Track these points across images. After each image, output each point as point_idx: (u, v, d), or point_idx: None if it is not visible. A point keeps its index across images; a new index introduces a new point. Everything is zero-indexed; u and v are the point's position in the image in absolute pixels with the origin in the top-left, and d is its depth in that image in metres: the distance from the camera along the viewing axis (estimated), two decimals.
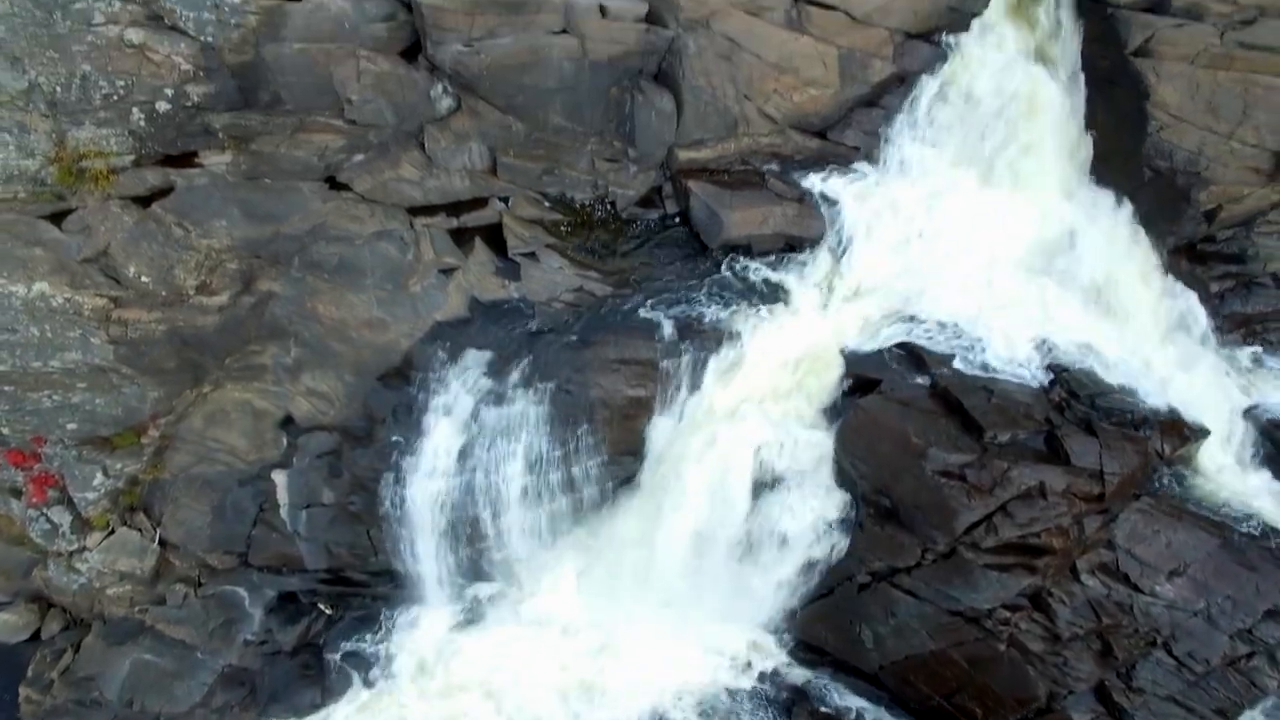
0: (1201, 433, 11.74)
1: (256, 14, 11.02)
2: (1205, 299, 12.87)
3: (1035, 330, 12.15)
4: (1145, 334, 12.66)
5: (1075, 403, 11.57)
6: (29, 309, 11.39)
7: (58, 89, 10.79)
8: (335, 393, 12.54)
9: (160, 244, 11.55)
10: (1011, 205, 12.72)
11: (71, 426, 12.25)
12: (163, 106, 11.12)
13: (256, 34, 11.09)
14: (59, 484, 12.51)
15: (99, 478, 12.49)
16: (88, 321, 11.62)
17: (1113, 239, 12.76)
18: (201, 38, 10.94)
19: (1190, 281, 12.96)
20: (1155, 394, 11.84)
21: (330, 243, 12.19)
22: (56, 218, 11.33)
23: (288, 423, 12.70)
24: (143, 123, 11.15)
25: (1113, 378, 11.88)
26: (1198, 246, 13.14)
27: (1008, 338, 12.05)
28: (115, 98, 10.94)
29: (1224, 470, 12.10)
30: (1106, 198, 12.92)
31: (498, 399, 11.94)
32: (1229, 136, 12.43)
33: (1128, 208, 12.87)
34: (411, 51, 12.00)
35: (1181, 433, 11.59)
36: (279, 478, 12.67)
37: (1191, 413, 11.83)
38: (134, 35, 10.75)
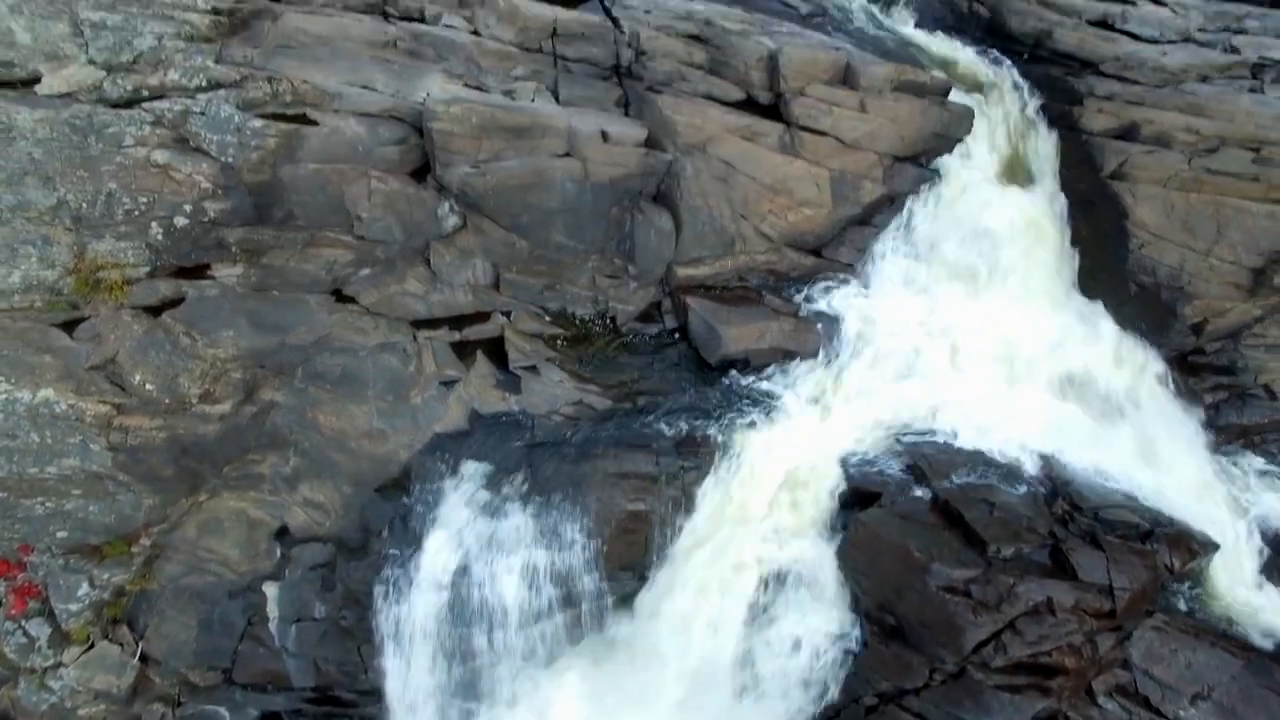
0: (1210, 546, 11.47)
1: (276, 137, 11.65)
2: (1200, 410, 12.96)
3: (1033, 441, 12.09)
4: (1145, 444, 12.64)
5: (1079, 515, 11.38)
6: (32, 415, 11.42)
7: (84, 205, 11.27)
8: (332, 503, 12.41)
9: (167, 353, 11.73)
10: (1002, 317, 12.97)
11: (62, 534, 12.02)
12: (180, 221, 11.56)
13: (275, 155, 11.68)
14: (41, 595, 12.12)
15: (84, 588, 12.14)
16: (89, 428, 11.62)
17: (1103, 350, 12.94)
18: (222, 158, 11.52)
19: (1184, 393, 13.07)
20: (1160, 506, 11.64)
21: (334, 354, 12.37)
22: (68, 325, 11.53)
23: (282, 533, 12.47)
24: (160, 236, 11.55)
25: (1115, 489, 11.74)
26: (1189, 358, 13.35)
27: (1005, 449, 12.00)
28: (137, 213, 11.40)
29: (1237, 585, 11.76)
30: (1096, 310, 13.24)
31: (495, 512, 11.73)
32: (1207, 254, 12.87)
33: (1117, 320, 13.17)
34: (420, 172, 12.58)
35: (1190, 546, 11.32)
36: (270, 590, 12.33)
37: (1200, 526, 11.61)
38: (160, 156, 11.34)
